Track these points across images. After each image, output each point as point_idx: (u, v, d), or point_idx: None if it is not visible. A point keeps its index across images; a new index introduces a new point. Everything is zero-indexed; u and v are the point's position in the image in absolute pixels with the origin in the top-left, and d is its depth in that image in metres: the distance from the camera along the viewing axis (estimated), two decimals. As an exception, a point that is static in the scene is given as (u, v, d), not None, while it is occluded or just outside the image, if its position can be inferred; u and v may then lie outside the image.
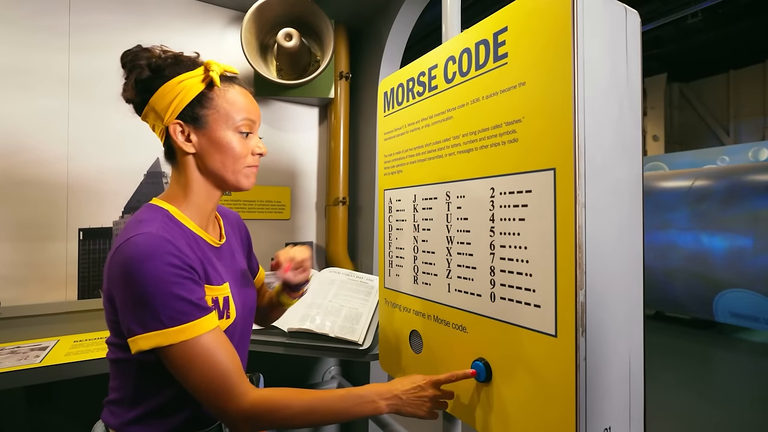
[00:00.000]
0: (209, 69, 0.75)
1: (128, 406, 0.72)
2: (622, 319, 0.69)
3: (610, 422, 0.67)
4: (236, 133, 0.77)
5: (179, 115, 0.74)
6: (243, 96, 0.79)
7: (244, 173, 0.79)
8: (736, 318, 4.19)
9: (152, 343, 0.63)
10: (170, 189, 0.79)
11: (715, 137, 8.91)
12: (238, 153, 0.77)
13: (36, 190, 1.39)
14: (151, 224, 0.68)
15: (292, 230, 1.92)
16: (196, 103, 0.74)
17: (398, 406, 0.76)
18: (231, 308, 0.77)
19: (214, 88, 0.76)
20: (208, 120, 0.75)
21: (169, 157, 0.79)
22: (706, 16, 5.99)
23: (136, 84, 0.74)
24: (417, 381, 0.78)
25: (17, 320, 1.34)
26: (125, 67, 0.76)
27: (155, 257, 0.63)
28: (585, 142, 0.65)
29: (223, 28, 1.73)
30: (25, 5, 1.38)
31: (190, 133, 0.75)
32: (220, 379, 0.65)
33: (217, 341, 0.67)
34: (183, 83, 0.74)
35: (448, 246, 0.91)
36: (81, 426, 0.77)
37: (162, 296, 0.63)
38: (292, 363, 1.70)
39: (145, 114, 0.76)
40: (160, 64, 0.74)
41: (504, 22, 0.77)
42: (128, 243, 0.65)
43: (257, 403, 0.67)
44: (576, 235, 0.64)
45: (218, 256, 0.81)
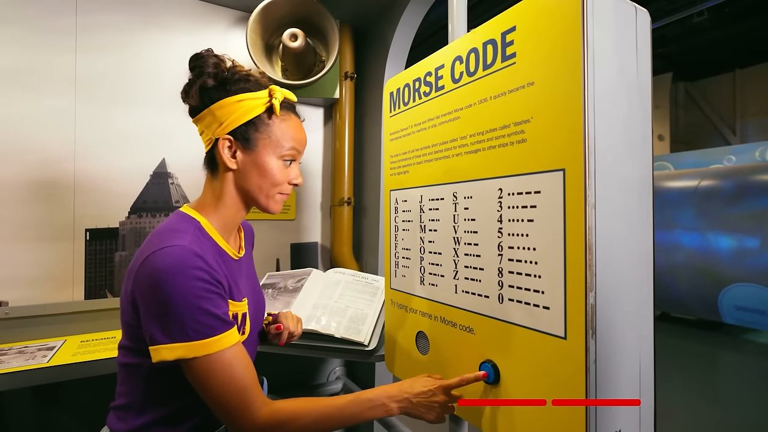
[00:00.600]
0: (273, 96, 0.77)
1: (137, 412, 0.72)
2: (632, 320, 0.69)
3: (620, 425, 0.67)
4: (280, 161, 0.79)
5: (231, 131, 0.75)
6: (296, 127, 0.82)
7: (276, 199, 0.81)
8: (742, 312, 4.13)
9: (176, 354, 0.64)
10: (203, 198, 0.81)
11: (721, 137, 8.85)
12: (277, 180, 0.79)
13: (43, 190, 1.40)
14: (184, 236, 0.69)
15: (297, 230, 1.92)
16: (251, 125, 0.76)
17: (408, 409, 0.76)
18: (247, 324, 0.78)
19: (273, 115, 0.78)
20: (257, 144, 0.77)
21: (210, 166, 0.81)
22: (712, 15, 5.94)
23: (200, 90, 0.75)
24: (428, 385, 0.78)
25: (24, 320, 1.34)
26: (192, 70, 0.77)
27: (186, 271, 0.64)
28: (595, 142, 0.64)
29: (229, 29, 1.73)
30: (32, 6, 1.39)
31: (237, 150, 0.77)
32: (239, 393, 0.66)
33: (238, 356, 0.68)
34: (244, 103, 0.75)
35: (455, 247, 0.90)
36: (87, 426, 0.77)
37: (190, 309, 0.64)
38: (297, 364, 1.70)
39: (198, 119, 0.78)
40: (227, 77, 0.76)
41: (512, 21, 0.76)
42: (160, 253, 0.65)
43: (271, 416, 0.68)
44: (586, 236, 0.63)
45: (238, 270, 0.82)
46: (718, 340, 4.58)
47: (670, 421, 2.76)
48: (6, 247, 1.35)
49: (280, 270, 1.86)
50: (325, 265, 1.97)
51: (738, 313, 4.17)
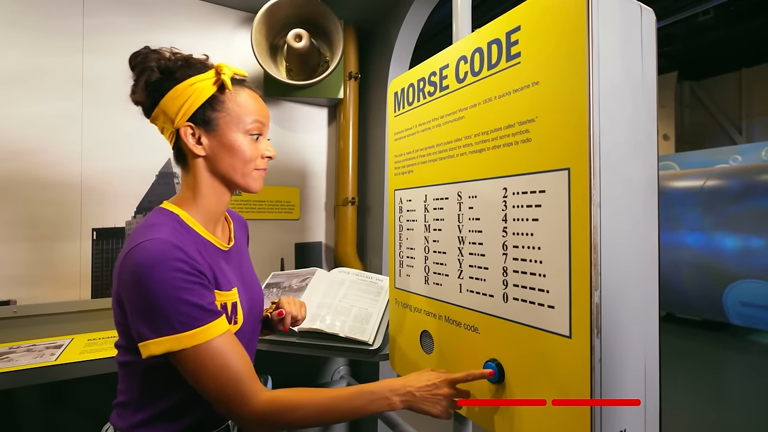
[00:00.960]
0: (221, 72, 0.75)
1: (135, 408, 0.73)
2: (637, 319, 0.69)
3: (625, 424, 0.67)
4: (246, 136, 0.77)
5: (190, 118, 0.74)
6: (253, 99, 0.79)
7: (253, 176, 0.79)
8: (748, 308, 4.09)
9: (164, 348, 0.64)
10: (181, 192, 0.80)
11: (727, 136, 8.78)
12: (249, 156, 0.77)
13: (50, 190, 1.41)
14: (161, 229, 0.68)
15: (302, 230, 1.92)
16: (207, 106, 0.74)
17: (412, 403, 0.75)
18: (239, 314, 0.77)
19: (226, 91, 0.76)
20: (219, 123, 0.75)
21: (179, 160, 0.79)
22: (717, 14, 5.91)
23: (147, 86, 0.74)
24: (432, 378, 0.77)
25: (32, 319, 1.36)
26: (134, 68, 0.76)
27: (165, 263, 0.63)
28: (600, 142, 0.64)
29: (234, 30, 1.74)
30: (39, 8, 1.40)
31: (200, 135, 0.75)
32: (233, 382, 0.66)
33: (229, 344, 0.67)
34: (194, 86, 0.74)
35: (459, 246, 0.90)
36: (94, 423, 0.78)
37: (172, 302, 0.63)
38: (301, 363, 1.70)
39: (154, 116, 0.76)
40: (170, 66, 0.74)
41: (517, 21, 0.76)
42: (138, 248, 0.65)
43: (269, 404, 0.67)
44: (591, 235, 0.63)
45: (227, 260, 0.81)
46: (724, 340, 4.55)
47: (676, 422, 2.75)
48: (14, 247, 1.36)
49: (285, 269, 1.87)
50: (329, 264, 1.97)
51: (744, 309, 4.13)
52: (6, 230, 1.35)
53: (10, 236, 1.36)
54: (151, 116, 0.77)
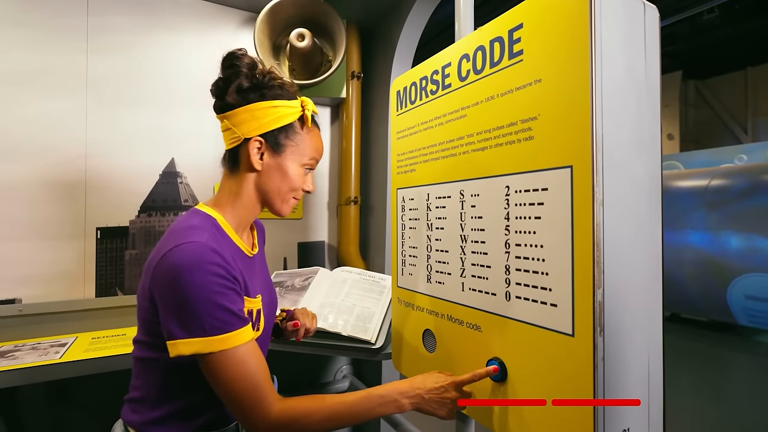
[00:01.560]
0: (305, 107, 0.82)
1: (152, 405, 0.74)
2: (640, 318, 0.68)
3: (628, 423, 0.66)
4: (301, 168, 0.83)
5: (263, 134, 0.78)
6: (319, 139, 0.87)
7: (289, 203, 0.85)
8: (752, 301, 4.05)
9: (193, 348, 0.65)
10: (220, 195, 0.83)
11: (732, 135, 8.72)
12: (296, 185, 0.83)
13: (55, 189, 1.42)
14: (202, 233, 0.70)
15: (304, 229, 1.93)
16: (282, 131, 0.80)
17: (420, 405, 0.77)
18: (261, 321, 0.79)
19: (304, 126, 0.83)
20: (286, 149, 0.81)
21: (231, 163, 0.82)
22: (722, 12, 5.87)
23: (238, 90, 0.78)
24: (440, 381, 0.79)
25: (37, 317, 1.37)
26: (228, 68, 0.79)
27: (204, 267, 0.65)
28: (603, 139, 0.64)
29: (236, 29, 1.75)
30: (43, 7, 1.41)
31: (264, 152, 0.80)
32: (252, 389, 0.67)
33: (252, 353, 0.69)
34: (279, 109, 0.79)
35: (462, 245, 0.90)
36: (98, 421, 0.79)
37: (207, 305, 0.65)
38: (304, 362, 1.71)
39: (227, 116, 0.79)
40: (263, 82, 0.79)
41: (519, 18, 0.76)
42: (178, 249, 0.66)
43: (283, 413, 0.68)
44: (594, 233, 0.63)
45: (252, 267, 0.83)
46: (730, 341, 4.52)
47: (680, 422, 2.73)
48: (19, 246, 1.37)
49: (288, 269, 1.87)
50: (332, 263, 1.97)
51: (748, 302, 4.09)
52: (11, 229, 1.36)
53: (15, 235, 1.37)
54: (225, 114, 0.80)
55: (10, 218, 1.36)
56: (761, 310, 4.02)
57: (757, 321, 4.14)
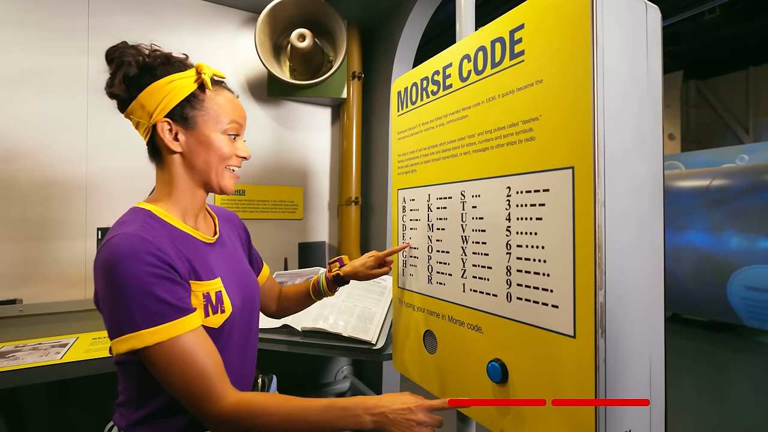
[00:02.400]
0: (201, 71, 0.76)
1: (134, 407, 0.73)
2: (642, 320, 0.68)
3: (630, 425, 0.66)
4: (224, 135, 0.78)
5: (168, 114, 0.75)
6: (231, 101, 0.81)
7: (225, 175, 0.80)
8: (752, 291, 4.03)
9: (128, 345, 0.62)
10: (155, 190, 0.80)
11: (733, 135, 8.70)
12: (225, 153, 0.78)
13: (55, 189, 1.42)
14: (131, 225, 0.68)
15: (305, 230, 1.93)
16: (186, 104, 0.75)
17: (383, 424, 0.71)
18: (225, 302, 0.76)
19: (205, 91, 0.77)
20: (197, 121, 0.76)
21: (154, 156, 0.79)
22: (724, 12, 5.85)
23: (125, 80, 0.74)
24: (408, 402, 0.73)
25: (38, 317, 1.37)
26: (111, 62, 0.76)
27: (132, 256, 0.63)
28: (604, 140, 0.64)
29: (237, 29, 1.75)
30: (45, 8, 1.41)
31: (178, 132, 0.76)
32: (199, 381, 0.64)
33: (197, 342, 0.66)
34: (174, 83, 0.74)
35: (463, 246, 0.90)
36: (99, 421, 0.78)
37: (138, 297, 0.62)
38: (305, 362, 1.71)
39: (130, 111, 0.76)
40: (150, 62, 0.75)
41: (520, 19, 0.76)
42: (107, 244, 0.65)
43: (237, 407, 0.66)
44: (595, 234, 0.63)
45: (211, 252, 0.80)
46: (732, 342, 4.51)
47: (682, 423, 2.73)
48: (20, 246, 1.37)
49: (288, 269, 1.87)
50: (333, 264, 1.97)
51: (748, 293, 4.06)
52: (12, 230, 1.36)
53: (15, 236, 1.37)
54: (127, 110, 0.77)
55: (11, 218, 1.36)
56: (760, 301, 4.00)
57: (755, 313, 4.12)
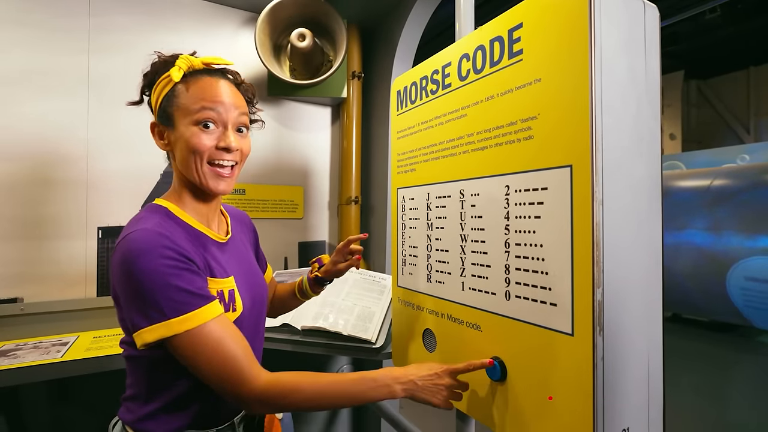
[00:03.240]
0: (177, 64, 0.73)
1: (143, 401, 0.74)
2: (640, 318, 0.68)
3: (628, 423, 0.66)
4: (194, 127, 0.71)
5: (157, 115, 0.76)
6: (207, 86, 0.73)
7: (207, 173, 0.73)
8: (751, 282, 4.01)
9: (156, 335, 0.64)
10: (170, 188, 0.81)
11: (734, 135, 8.69)
12: (196, 146, 0.71)
13: (56, 189, 1.43)
14: (148, 221, 0.69)
15: (305, 229, 1.93)
16: (165, 102, 0.74)
17: (413, 392, 0.74)
18: (237, 301, 0.78)
19: (179, 84, 0.73)
20: (174, 117, 0.73)
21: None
22: (724, 12, 5.84)
23: (141, 90, 0.78)
24: (434, 368, 0.77)
25: (39, 316, 1.37)
26: None
27: (150, 251, 0.64)
28: (602, 139, 0.64)
29: (237, 29, 1.75)
30: (45, 8, 1.41)
31: (164, 131, 0.76)
32: (230, 363, 0.66)
33: (223, 328, 0.67)
34: (159, 83, 0.75)
35: (462, 244, 0.90)
36: (99, 419, 0.79)
37: (161, 288, 0.63)
38: (305, 361, 1.71)
39: (154, 125, 0.79)
40: (149, 71, 0.78)
41: (519, 18, 0.76)
42: (124, 240, 0.66)
43: (269, 386, 0.67)
44: (593, 233, 0.63)
45: (223, 251, 0.81)
46: (732, 342, 4.50)
47: (681, 422, 2.72)
48: (21, 245, 1.38)
49: (288, 268, 1.88)
50: (333, 263, 1.97)
51: (748, 283, 4.06)
52: (13, 228, 1.37)
53: (16, 234, 1.37)
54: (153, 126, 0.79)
55: (12, 217, 1.37)
56: (760, 291, 3.99)
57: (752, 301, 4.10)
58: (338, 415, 1.87)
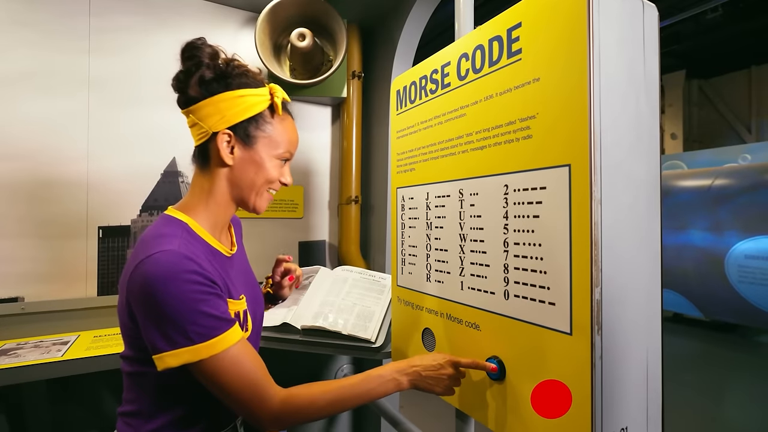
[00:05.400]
0: (274, 94, 0.77)
1: (146, 418, 0.72)
2: (639, 317, 0.68)
3: (626, 422, 0.66)
4: (276, 160, 0.80)
5: (231, 126, 0.74)
6: (292, 129, 0.82)
7: (264, 197, 0.81)
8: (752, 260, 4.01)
9: (182, 360, 0.64)
10: (191, 195, 0.79)
11: (736, 135, 8.67)
12: (272, 177, 0.79)
13: (57, 188, 1.43)
14: (173, 240, 0.67)
15: (305, 229, 1.93)
16: (252, 122, 0.76)
17: (417, 381, 0.78)
18: (248, 321, 0.79)
19: (274, 115, 0.79)
20: (257, 141, 0.77)
21: (201, 160, 0.78)
22: (726, 11, 5.82)
23: (200, 82, 0.74)
24: (438, 359, 0.80)
25: (40, 315, 1.37)
26: (188, 59, 0.75)
27: (179, 276, 0.63)
28: (601, 138, 0.64)
29: (238, 29, 1.75)
30: (46, 8, 1.42)
31: (235, 146, 0.76)
32: (251, 387, 0.67)
33: (244, 351, 0.68)
34: (245, 99, 0.74)
35: (461, 244, 0.90)
36: (99, 418, 0.79)
37: (189, 314, 0.63)
38: (305, 360, 1.71)
39: (192, 110, 0.75)
40: (227, 71, 0.75)
41: (518, 17, 0.76)
42: (150, 260, 0.64)
43: (286, 404, 0.69)
44: (592, 232, 0.63)
45: (231, 267, 0.81)
46: (732, 341, 4.50)
47: (683, 422, 2.72)
48: (22, 244, 1.38)
49: (289, 268, 1.88)
50: (333, 263, 1.98)
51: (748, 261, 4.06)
52: (14, 228, 1.37)
53: (17, 234, 1.38)
54: (190, 108, 0.76)
55: (12, 217, 1.37)
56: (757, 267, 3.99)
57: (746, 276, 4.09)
58: (338, 414, 1.87)
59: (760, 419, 2.80)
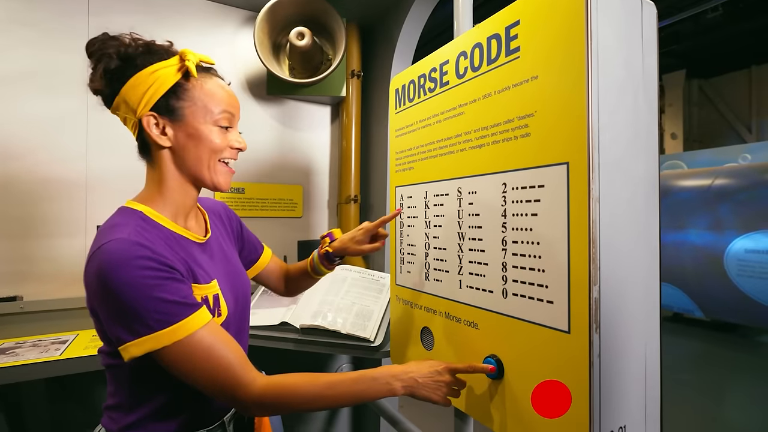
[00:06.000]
0: (185, 58, 0.71)
1: (126, 411, 0.72)
2: (637, 315, 0.68)
3: (625, 421, 0.66)
4: (215, 126, 0.74)
5: (153, 107, 0.71)
6: (221, 88, 0.76)
7: (219, 170, 0.76)
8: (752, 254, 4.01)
9: (144, 348, 0.62)
10: (145, 188, 0.77)
11: (736, 135, 8.67)
12: (216, 146, 0.74)
13: (56, 187, 1.43)
14: (123, 229, 0.65)
15: (305, 228, 1.93)
16: (171, 95, 0.71)
17: (413, 389, 0.74)
18: (222, 306, 0.76)
19: (191, 79, 0.73)
20: (184, 112, 0.72)
21: (143, 153, 0.77)
22: (726, 11, 5.82)
23: (105, 74, 0.70)
24: (434, 366, 0.77)
25: (38, 314, 1.37)
26: (92, 56, 0.71)
27: (129, 263, 0.61)
28: (599, 136, 0.64)
29: (237, 28, 1.75)
30: (45, 7, 1.42)
31: (165, 125, 0.72)
32: (224, 371, 0.65)
33: (213, 334, 0.66)
34: (157, 73, 0.70)
35: (459, 242, 0.90)
36: (97, 417, 0.79)
37: (145, 301, 0.61)
38: (304, 360, 1.71)
39: (115, 106, 0.73)
40: (130, 52, 0.70)
41: (516, 15, 0.76)
42: (100, 251, 0.62)
43: (266, 389, 0.67)
44: (590, 230, 0.63)
45: (204, 252, 0.79)
46: (732, 341, 4.50)
47: (683, 422, 2.72)
48: (20, 244, 1.38)
49: (288, 267, 1.88)
50: (333, 262, 1.97)
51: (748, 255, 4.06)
52: (12, 227, 1.37)
53: (16, 233, 1.37)
54: (112, 106, 0.73)
55: (11, 216, 1.37)
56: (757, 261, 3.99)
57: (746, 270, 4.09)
58: (337, 413, 1.87)
59: (761, 420, 2.80)
